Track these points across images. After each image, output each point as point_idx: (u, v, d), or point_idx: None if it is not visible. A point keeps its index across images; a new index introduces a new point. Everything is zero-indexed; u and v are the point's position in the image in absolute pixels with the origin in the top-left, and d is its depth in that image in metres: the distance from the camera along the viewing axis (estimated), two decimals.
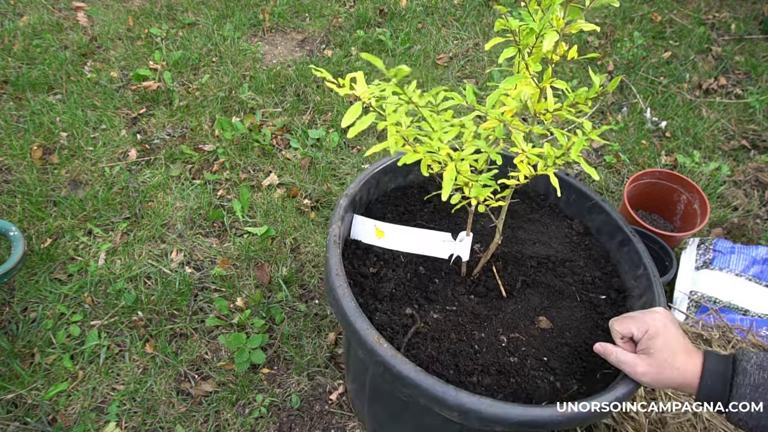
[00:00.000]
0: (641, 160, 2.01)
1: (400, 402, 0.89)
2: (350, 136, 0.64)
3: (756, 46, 2.65)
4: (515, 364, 0.87)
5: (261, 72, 2.25)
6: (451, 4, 2.80)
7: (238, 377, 1.31)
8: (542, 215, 1.17)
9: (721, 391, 0.72)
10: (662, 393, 1.20)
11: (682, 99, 2.29)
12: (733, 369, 0.72)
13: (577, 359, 0.89)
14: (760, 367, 0.70)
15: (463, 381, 0.83)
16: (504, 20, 0.68)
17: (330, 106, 2.12)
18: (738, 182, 1.96)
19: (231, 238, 1.64)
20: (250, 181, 1.83)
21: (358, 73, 0.67)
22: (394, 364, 0.74)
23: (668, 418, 1.16)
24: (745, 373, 0.70)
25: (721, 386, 0.72)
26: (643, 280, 0.96)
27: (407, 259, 1.02)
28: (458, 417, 0.72)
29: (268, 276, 1.54)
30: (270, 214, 1.71)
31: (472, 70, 2.43)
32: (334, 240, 0.91)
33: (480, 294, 0.98)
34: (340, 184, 1.83)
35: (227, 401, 1.27)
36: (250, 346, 1.34)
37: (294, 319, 1.45)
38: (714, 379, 0.73)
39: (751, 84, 2.41)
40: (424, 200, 1.15)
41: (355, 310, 0.80)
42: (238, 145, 1.93)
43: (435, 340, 0.88)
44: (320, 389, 1.31)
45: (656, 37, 2.68)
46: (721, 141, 2.13)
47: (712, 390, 0.72)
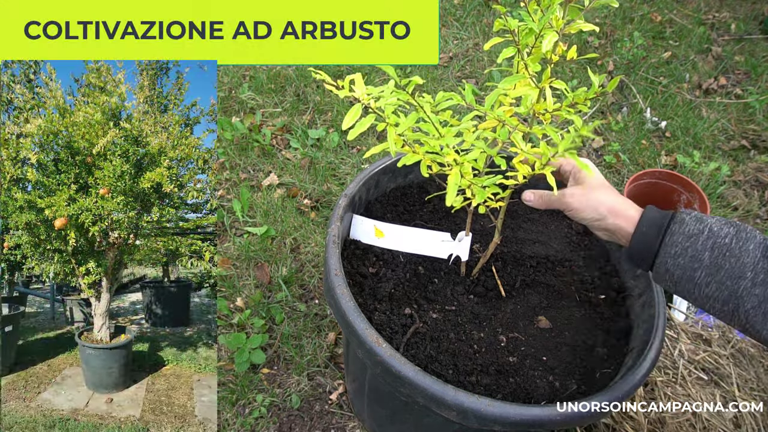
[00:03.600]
0: (641, 160, 2.01)
1: (400, 402, 0.89)
2: (351, 138, 0.64)
3: (756, 46, 2.65)
4: (514, 364, 0.87)
5: (261, 72, 2.25)
6: (451, 4, 2.80)
7: (238, 377, 1.31)
8: (542, 215, 1.17)
9: (654, 237, 0.70)
10: (662, 393, 1.20)
11: (682, 99, 2.29)
12: (671, 218, 0.70)
13: (577, 359, 0.89)
14: (699, 219, 0.68)
15: (462, 381, 0.83)
16: (503, 20, 0.68)
17: (330, 106, 2.13)
18: (738, 182, 1.96)
19: (231, 238, 1.64)
20: (250, 181, 1.84)
21: (357, 75, 0.67)
22: (393, 364, 0.74)
23: (667, 418, 1.16)
24: (683, 222, 0.69)
25: (655, 233, 0.70)
26: (643, 280, 0.96)
27: (406, 259, 1.02)
28: (457, 417, 0.72)
29: (268, 276, 1.54)
30: (270, 214, 1.71)
31: (472, 70, 2.43)
32: (333, 240, 0.91)
33: (479, 294, 0.98)
34: (340, 184, 1.83)
35: (227, 401, 1.27)
36: (250, 346, 1.34)
37: (294, 319, 1.45)
38: (649, 225, 0.71)
39: (751, 84, 2.41)
40: (423, 200, 1.15)
41: (355, 310, 0.80)
42: (238, 145, 1.93)
43: (434, 339, 0.88)
44: (320, 389, 1.31)
45: (656, 37, 2.68)
46: (721, 141, 2.13)
47: (645, 236, 0.70)
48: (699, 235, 0.66)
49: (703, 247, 0.66)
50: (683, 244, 0.67)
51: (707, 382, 1.24)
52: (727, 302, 0.64)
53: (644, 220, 0.72)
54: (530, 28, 0.68)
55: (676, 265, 0.67)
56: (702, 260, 0.65)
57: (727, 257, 0.64)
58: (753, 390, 1.24)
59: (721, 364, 1.27)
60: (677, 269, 0.67)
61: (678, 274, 0.68)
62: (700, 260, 0.66)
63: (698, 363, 1.28)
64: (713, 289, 0.65)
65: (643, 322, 0.91)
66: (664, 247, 0.69)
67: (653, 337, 0.83)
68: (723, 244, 0.65)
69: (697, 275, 0.66)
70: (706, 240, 0.66)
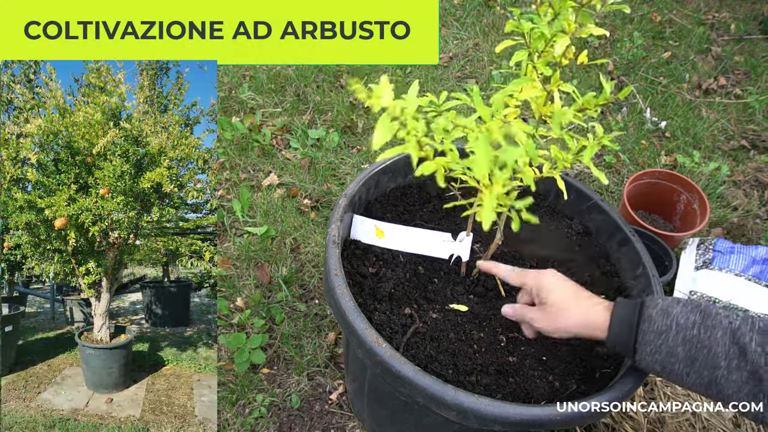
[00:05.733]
0: (641, 160, 2.01)
1: (400, 402, 0.89)
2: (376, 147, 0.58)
3: (756, 46, 2.65)
4: (514, 364, 0.87)
5: (261, 72, 2.25)
6: (451, 4, 2.80)
7: (238, 377, 1.31)
8: (542, 215, 1.17)
9: (627, 337, 0.72)
10: (662, 393, 1.20)
11: (682, 99, 2.29)
12: (639, 315, 0.72)
13: (576, 359, 0.89)
14: (665, 313, 0.70)
15: (461, 381, 0.83)
16: (516, 22, 0.68)
17: (330, 106, 2.12)
18: (738, 182, 1.96)
19: (231, 238, 1.64)
20: (250, 181, 1.84)
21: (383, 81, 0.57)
22: (393, 364, 0.74)
23: (667, 418, 1.16)
24: (651, 320, 0.70)
25: (628, 332, 0.72)
26: (643, 280, 0.96)
27: (407, 259, 1.02)
28: (457, 416, 0.72)
29: (268, 276, 1.54)
30: (270, 214, 1.71)
31: (472, 70, 2.43)
32: (333, 240, 0.91)
33: (479, 294, 0.98)
34: (340, 184, 1.83)
35: (227, 401, 1.27)
36: (250, 346, 1.34)
37: (294, 319, 1.45)
38: (621, 326, 0.73)
39: (751, 84, 2.41)
40: (423, 200, 1.15)
41: (354, 310, 0.80)
42: (238, 145, 1.93)
43: (434, 339, 0.88)
44: (320, 389, 1.31)
45: (656, 37, 2.68)
46: (720, 141, 2.13)
47: (619, 336, 0.73)
48: (668, 332, 0.69)
49: (674, 342, 0.68)
50: (656, 342, 0.69)
51: None
52: (709, 388, 0.67)
53: (614, 321, 0.74)
54: (542, 32, 0.68)
55: (654, 361, 0.70)
56: (677, 355, 0.68)
57: (699, 349, 0.66)
58: None
59: None
60: (656, 365, 0.70)
61: (659, 369, 0.70)
62: (675, 355, 0.68)
63: None
64: (693, 378, 0.67)
65: None
66: (640, 346, 0.71)
67: None
68: (692, 336, 0.67)
69: (676, 368, 0.68)
70: (675, 335, 0.68)
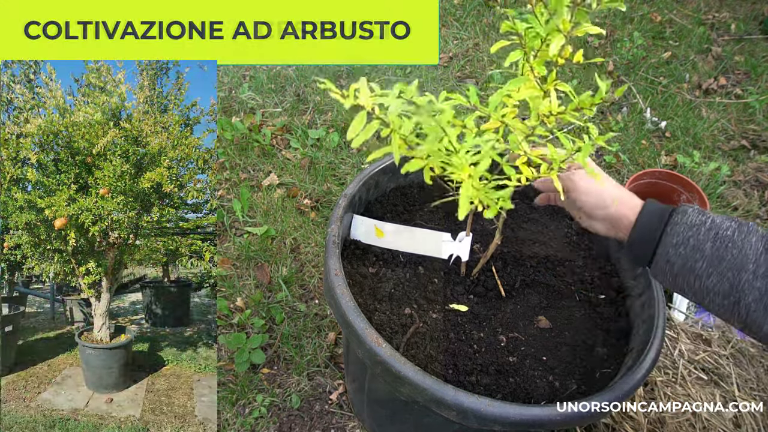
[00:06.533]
0: (641, 160, 2.01)
1: (400, 402, 0.89)
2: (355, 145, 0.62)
3: (756, 46, 2.65)
4: (514, 364, 0.87)
5: (261, 72, 2.25)
6: (451, 4, 2.80)
7: (238, 377, 1.31)
8: (542, 215, 1.17)
9: (656, 226, 0.69)
10: (662, 393, 1.20)
11: (682, 99, 2.29)
12: (673, 209, 0.70)
13: (576, 359, 0.89)
14: (701, 212, 0.68)
15: (461, 381, 0.83)
16: (511, 23, 0.68)
17: (330, 106, 2.13)
18: (738, 182, 1.96)
19: (231, 238, 1.64)
20: (250, 181, 1.84)
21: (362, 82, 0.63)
22: (393, 364, 0.74)
23: (667, 418, 1.16)
24: (684, 213, 0.68)
25: (657, 221, 0.69)
26: (643, 280, 0.96)
27: (407, 259, 1.02)
28: (457, 416, 0.72)
29: (268, 276, 1.54)
30: (270, 214, 1.71)
31: (472, 70, 2.43)
32: (333, 240, 0.91)
33: (479, 294, 0.98)
34: (340, 184, 1.83)
35: (227, 401, 1.27)
36: (250, 346, 1.34)
37: (294, 319, 1.45)
38: (651, 214, 0.70)
39: (751, 84, 2.41)
40: (423, 200, 1.15)
41: (354, 310, 0.80)
42: (238, 145, 1.93)
43: (434, 339, 0.88)
44: (320, 389, 1.31)
45: (656, 37, 2.68)
46: (721, 141, 2.13)
47: (647, 225, 0.70)
48: (701, 226, 0.66)
49: (705, 237, 0.65)
50: (685, 233, 0.66)
51: (707, 382, 1.24)
52: (728, 295, 0.63)
53: (646, 209, 0.71)
54: (537, 32, 0.67)
55: (677, 254, 0.66)
56: (704, 250, 0.64)
57: (729, 248, 0.63)
58: (753, 390, 1.24)
59: (721, 364, 1.27)
60: (678, 259, 0.66)
61: (679, 265, 0.66)
62: (702, 250, 0.64)
63: (698, 363, 1.28)
64: (714, 281, 0.64)
65: (643, 322, 0.91)
66: (666, 237, 0.68)
67: (653, 336, 0.83)
68: (725, 236, 0.64)
69: (698, 266, 0.65)
70: (708, 231, 0.65)
